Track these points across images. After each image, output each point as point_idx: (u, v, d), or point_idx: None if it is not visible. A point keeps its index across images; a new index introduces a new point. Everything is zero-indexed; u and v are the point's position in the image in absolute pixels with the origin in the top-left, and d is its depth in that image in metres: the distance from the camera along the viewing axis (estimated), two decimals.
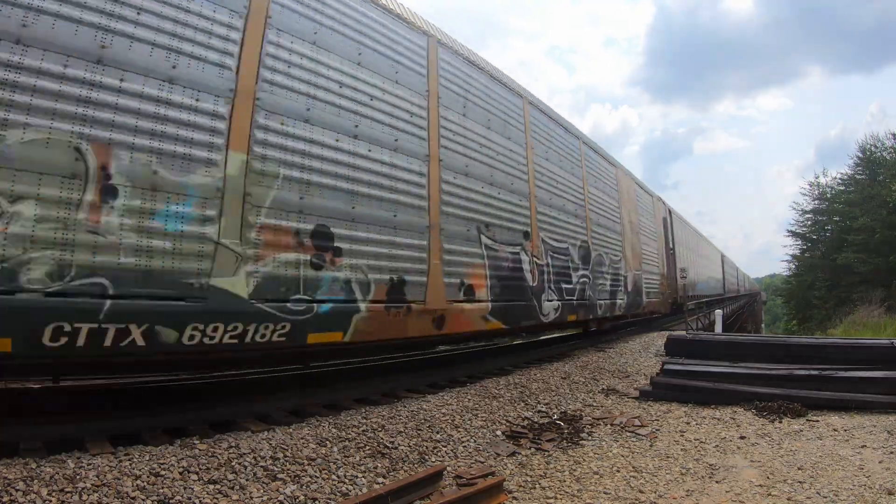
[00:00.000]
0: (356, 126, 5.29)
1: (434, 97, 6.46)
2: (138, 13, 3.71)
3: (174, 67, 3.87)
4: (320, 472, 3.50)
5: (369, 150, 5.39)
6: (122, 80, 3.57)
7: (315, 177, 4.76)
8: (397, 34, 6.07)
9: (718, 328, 14.58)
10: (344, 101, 5.20)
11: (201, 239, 3.85)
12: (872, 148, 30.18)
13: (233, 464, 3.33)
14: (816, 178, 37.71)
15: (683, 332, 10.53)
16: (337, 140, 5.04)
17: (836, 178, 33.25)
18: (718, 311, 16.04)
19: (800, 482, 3.80)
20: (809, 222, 34.96)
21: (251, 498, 3.03)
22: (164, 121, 3.75)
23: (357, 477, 3.53)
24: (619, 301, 11.30)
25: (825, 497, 3.53)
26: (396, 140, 5.77)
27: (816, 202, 33.92)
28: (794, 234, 36.09)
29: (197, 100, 3.95)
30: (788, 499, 3.54)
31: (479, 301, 6.60)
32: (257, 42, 4.43)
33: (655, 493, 3.72)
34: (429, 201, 6.05)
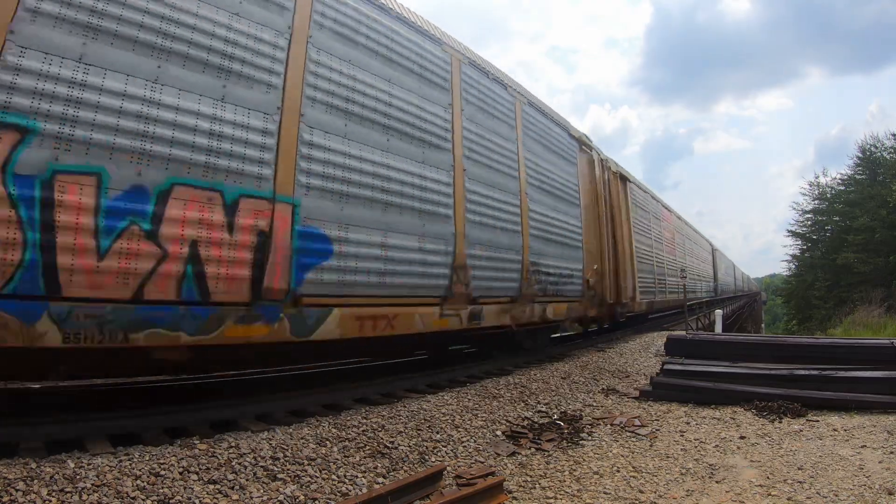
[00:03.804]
0: None
1: None
2: None
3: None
4: (320, 472, 3.50)
5: None
6: None
7: None
8: None
9: (718, 328, 14.57)
10: None
11: None
12: (872, 148, 30.19)
13: (233, 464, 3.32)
14: (816, 178, 37.67)
15: (683, 333, 10.54)
16: None
17: (835, 178, 33.24)
18: (718, 311, 16.03)
19: (800, 482, 3.80)
20: (809, 222, 34.94)
21: (251, 498, 3.03)
22: None
23: (357, 477, 3.53)
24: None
25: (825, 497, 3.53)
26: None
27: (816, 202, 33.90)
28: (794, 234, 36.07)
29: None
30: (788, 499, 3.54)
31: None
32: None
33: (655, 493, 3.72)
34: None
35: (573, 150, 10.34)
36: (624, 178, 12.95)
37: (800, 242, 36.29)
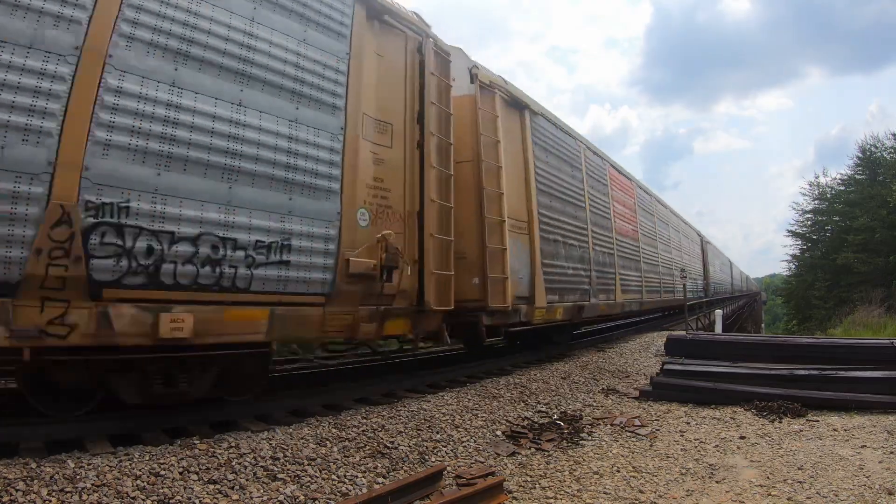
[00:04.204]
0: None
1: None
2: None
3: None
4: (320, 472, 3.50)
5: None
6: None
7: None
8: None
9: (718, 328, 14.57)
10: None
11: None
12: (872, 148, 30.15)
13: (233, 464, 3.33)
14: (816, 178, 37.61)
15: (683, 333, 10.53)
16: None
17: (835, 178, 33.19)
18: (718, 311, 16.03)
19: (800, 482, 3.80)
20: (809, 222, 34.90)
21: (251, 498, 3.03)
22: None
23: (357, 477, 3.53)
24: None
25: (825, 497, 3.53)
26: None
27: (816, 202, 33.86)
28: (794, 234, 36.03)
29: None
30: (788, 499, 3.54)
31: None
32: None
33: (655, 492, 3.72)
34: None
35: (339, 8, 5.19)
36: (518, 104, 8.26)
37: (800, 242, 36.28)
